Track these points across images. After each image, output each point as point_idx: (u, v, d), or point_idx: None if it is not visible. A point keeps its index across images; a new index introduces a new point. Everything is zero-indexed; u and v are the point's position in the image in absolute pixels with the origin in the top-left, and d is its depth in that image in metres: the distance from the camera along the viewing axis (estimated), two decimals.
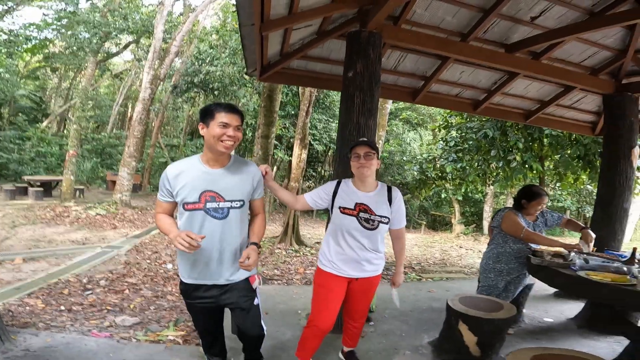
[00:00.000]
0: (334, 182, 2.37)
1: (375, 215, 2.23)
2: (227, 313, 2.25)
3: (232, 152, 2.04)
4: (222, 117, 1.85)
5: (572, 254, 2.72)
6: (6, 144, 15.14)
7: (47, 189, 11.86)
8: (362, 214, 2.22)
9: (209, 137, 1.86)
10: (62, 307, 3.87)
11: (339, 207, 2.25)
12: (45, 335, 2.92)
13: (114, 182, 13.73)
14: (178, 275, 5.55)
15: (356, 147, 2.26)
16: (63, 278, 4.86)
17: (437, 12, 3.49)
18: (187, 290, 2.05)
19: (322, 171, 19.28)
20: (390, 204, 2.28)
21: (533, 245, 3.10)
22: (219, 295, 2.01)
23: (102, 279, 5.02)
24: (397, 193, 2.33)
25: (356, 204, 2.24)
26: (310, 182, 18.30)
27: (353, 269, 2.27)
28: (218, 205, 1.90)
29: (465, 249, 10.75)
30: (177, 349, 3.14)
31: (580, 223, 3.23)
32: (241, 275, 2.01)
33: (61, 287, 4.52)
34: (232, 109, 1.89)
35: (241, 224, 1.98)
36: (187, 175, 1.90)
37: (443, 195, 16.28)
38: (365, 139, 2.33)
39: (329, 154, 18.61)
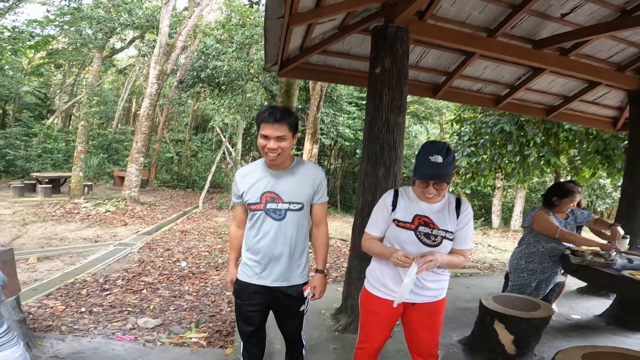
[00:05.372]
0: (390, 194, 1.95)
1: (439, 229, 1.85)
2: None
3: (294, 155, 2.00)
4: (262, 128, 1.80)
5: (613, 253, 2.66)
6: (12, 141, 15.08)
7: (56, 185, 11.84)
8: (421, 228, 1.85)
9: (259, 147, 1.86)
10: (83, 309, 3.84)
11: (394, 220, 1.89)
12: (71, 340, 2.89)
13: (121, 178, 13.73)
14: (194, 274, 5.54)
15: (421, 181, 1.82)
16: (79, 278, 4.82)
17: (464, 7, 3.39)
18: (240, 290, 2.00)
19: (329, 165, 19.22)
20: (457, 216, 1.91)
21: (566, 244, 3.04)
22: (270, 298, 1.98)
23: (118, 278, 4.98)
24: (466, 206, 1.94)
25: (415, 216, 1.87)
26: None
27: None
28: (277, 206, 1.89)
29: (475, 243, 10.68)
30: (203, 352, 3.13)
31: (608, 221, 3.18)
32: (294, 280, 1.97)
33: (79, 288, 4.49)
34: (274, 118, 1.78)
35: (299, 227, 1.94)
36: (252, 177, 1.94)
37: (451, 189, 16.22)
38: (434, 173, 1.77)
39: (336, 147, 18.53)
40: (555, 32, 3.60)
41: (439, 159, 1.74)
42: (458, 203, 1.93)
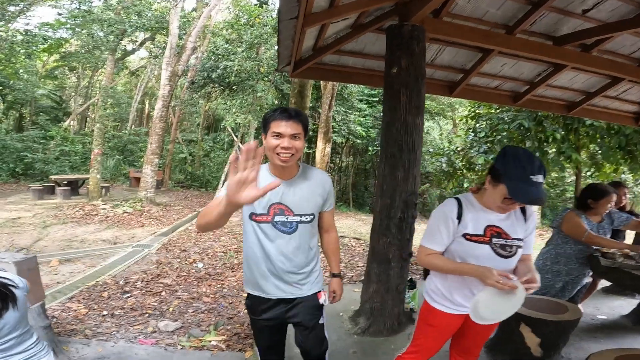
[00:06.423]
0: (453, 205, 1.77)
1: (512, 239, 1.73)
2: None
3: (300, 161, 1.90)
4: (274, 125, 1.68)
5: None
6: (30, 144, 15.42)
7: (74, 187, 12.06)
8: (495, 240, 1.72)
9: (267, 150, 1.70)
10: (105, 312, 3.89)
11: (465, 235, 1.73)
12: (95, 344, 2.93)
13: (137, 179, 13.93)
14: (210, 276, 5.57)
15: (514, 203, 1.63)
16: (100, 280, 4.90)
17: (480, 4, 3.32)
18: (253, 306, 1.91)
19: (340, 162, 19.17)
20: (525, 221, 1.79)
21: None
22: (285, 311, 1.89)
23: (138, 280, 5.05)
24: (531, 209, 1.80)
25: (487, 227, 1.73)
26: (328, 174, 18.21)
27: None
28: (287, 219, 1.77)
29: None
30: (223, 356, 3.15)
31: None
32: (308, 290, 1.90)
33: (100, 290, 4.55)
34: (287, 115, 1.69)
35: (310, 238, 1.87)
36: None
37: (466, 185, 16.02)
38: (540, 197, 1.55)
39: (347, 145, 18.44)
40: (577, 28, 3.49)
41: (540, 178, 1.55)
42: (523, 207, 1.79)
